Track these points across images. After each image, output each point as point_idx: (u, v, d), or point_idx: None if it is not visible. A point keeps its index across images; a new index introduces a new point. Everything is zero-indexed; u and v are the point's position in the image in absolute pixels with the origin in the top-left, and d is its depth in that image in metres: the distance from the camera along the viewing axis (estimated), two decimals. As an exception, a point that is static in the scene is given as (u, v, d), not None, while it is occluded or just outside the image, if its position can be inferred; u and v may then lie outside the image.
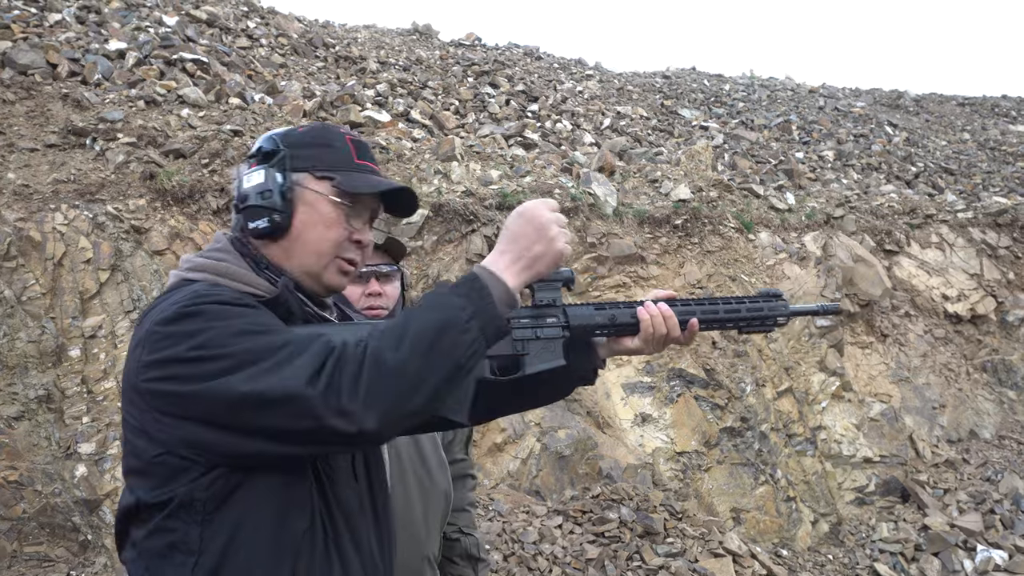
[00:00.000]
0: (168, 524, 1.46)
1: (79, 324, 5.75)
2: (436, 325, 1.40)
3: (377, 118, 9.19)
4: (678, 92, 15.08)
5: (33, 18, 8.41)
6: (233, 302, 1.48)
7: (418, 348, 1.38)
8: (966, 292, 9.73)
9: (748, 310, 1.86)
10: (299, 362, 1.38)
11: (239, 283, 1.58)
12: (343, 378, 1.36)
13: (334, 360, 1.37)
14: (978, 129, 15.92)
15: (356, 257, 1.69)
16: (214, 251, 1.65)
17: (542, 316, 1.68)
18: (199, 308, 1.44)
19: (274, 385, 1.36)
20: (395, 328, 1.41)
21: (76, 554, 5.29)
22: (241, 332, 1.42)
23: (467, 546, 2.73)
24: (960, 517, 7.57)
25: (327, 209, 1.64)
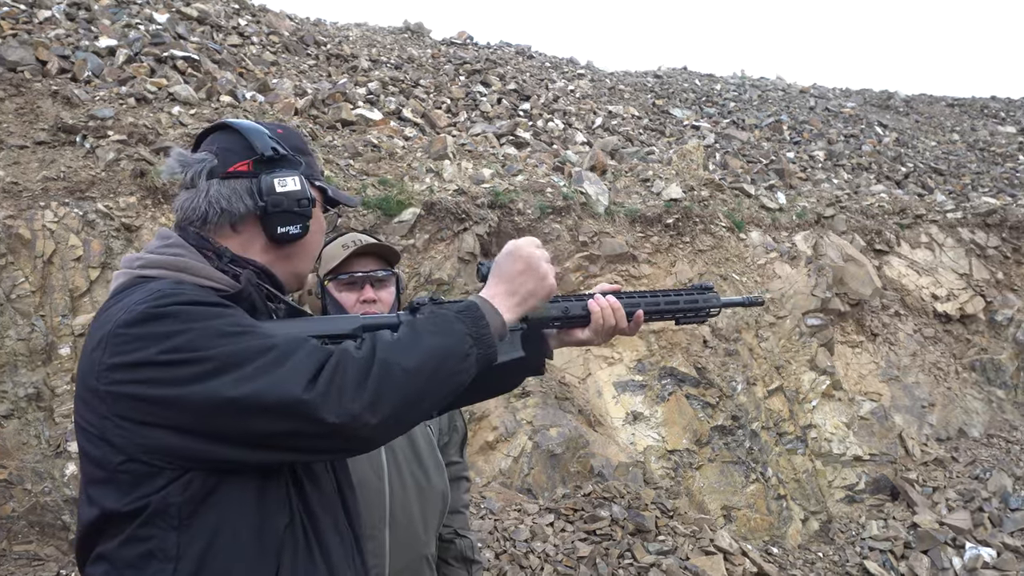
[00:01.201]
0: (142, 532, 1.42)
1: (69, 322, 5.73)
2: (443, 351, 1.46)
3: (369, 116, 9.18)
4: (669, 92, 15.11)
5: (22, 14, 8.36)
6: (203, 301, 1.45)
7: (425, 367, 1.43)
8: (955, 292, 9.78)
9: (685, 302, 1.99)
10: (292, 365, 1.37)
11: (199, 278, 1.55)
12: (346, 380, 1.37)
13: (334, 363, 1.38)
14: (967, 130, 16.00)
15: None
16: (167, 247, 1.61)
17: None
18: (169, 309, 1.41)
19: (266, 389, 1.35)
20: (405, 342, 1.45)
21: (66, 553, 5.27)
22: (221, 334, 1.39)
23: (462, 548, 2.73)
24: (949, 515, 7.61)
25: (320, 217, 1.73)
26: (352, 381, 1.37)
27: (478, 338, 1.51)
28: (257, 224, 1.65)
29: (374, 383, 1.38)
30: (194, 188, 1.65)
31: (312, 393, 1.35)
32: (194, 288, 1.51)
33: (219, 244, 1.63)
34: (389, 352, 1.42)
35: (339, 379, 1.37)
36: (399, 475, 2.41)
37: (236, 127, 1.70)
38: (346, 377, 1.37)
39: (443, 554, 2.73)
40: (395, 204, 7.06)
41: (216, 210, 1.63)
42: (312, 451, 1.44)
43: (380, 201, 7.05)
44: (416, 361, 1.42)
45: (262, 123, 1.75)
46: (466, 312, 1.54)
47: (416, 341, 1.46)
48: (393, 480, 2.39)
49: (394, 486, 2.39)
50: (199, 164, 1.66)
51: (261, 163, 1.66)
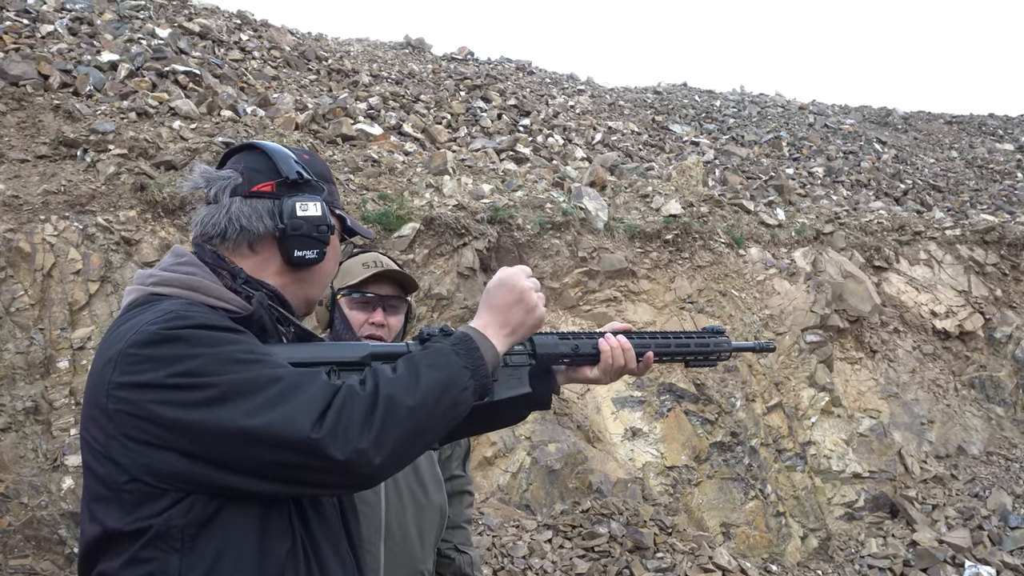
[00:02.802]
0: (144, 554, 1.41)
1: (68, 335, 5.73)
2: (442, 384, 1.48)
3: (369, 131, 9.21)
4: (669, 108, 15.17)
5: (25, 29, 8.40)
6: (216, 325, 1.45)
7: (427, 401, 1.45)
8: (954, 309, 9.78)
9: (696, 345, 2.00)
10: (301, 400, 1.39)
11: (212, 298, 1.55)
12: (353, 417, 1.39)
13: (340, 401, 1.40)
14: (965, 147, 16.05)
15: None
16: (180, 265, 1.61)
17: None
18: (181, 332, 1.41)
19: (276, 422, 1.36)
20: (406, 378, 1.47)
21: (62, 567, 5.24)
22: (232, 360, 1.40)
23: (461, 564, 2.72)
24: (948, 533, 7.58)
25: (336, 245, 1.75)
26: (358, 419, 1.39)
27: (474, 370, 1.53)
28: (274, 246, 1.65)
29: (379, 420, 1.40)
30: (216, 204, 1.66)
31: (321, 431, 1.36)
32: (205, 310, 1.50)
33: (234, 264, 1.63)
34: (392, 388, 1.44)
35: (346, 417, 1.38)
36: (396, 489, 2.40)
37: (263, 148, 1.71)
38: (353, 415, 1.39)
39: (443, 570, 2.72)
40: (395, 219, 7.07)
41: (236, 227, 1.63)
42: (316, 485, 1.46)
43: (380, 216, 7.06)
44: (418, 397, 1.44)
45: (290, 148, 1.76)
46: (461, 344, 1.55)
47: (416, 377, 1.47)
48: (390, 493, 2.39)
49: (391, 499, 2.39)
50: (224, 181, 1.67)
51: (285, 186, 1.67)
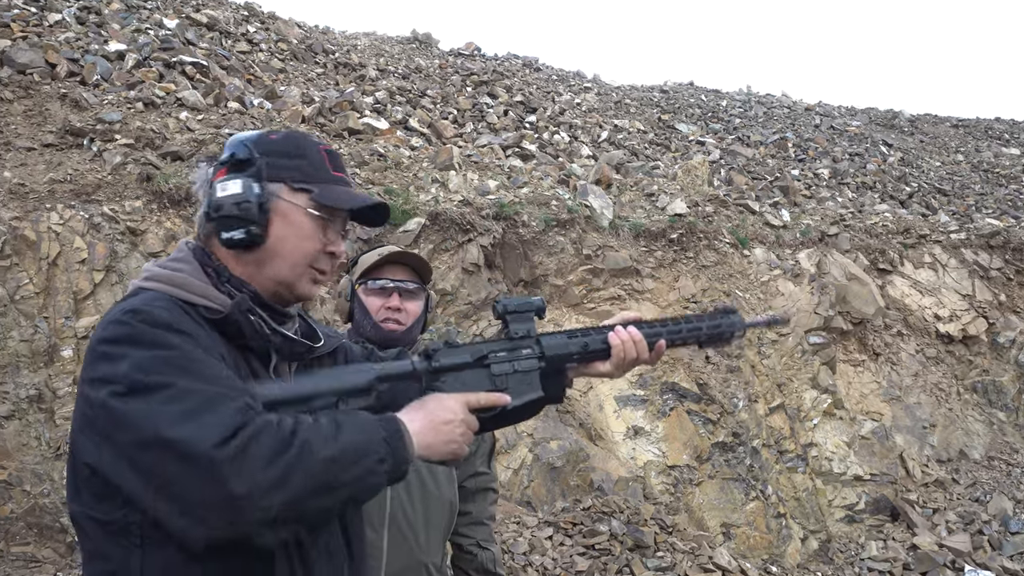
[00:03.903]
0: (106, 549, 1.43)
1: (72, 324, 5.73)
2: (362, 448, 1.40)
3: (375, 125, 9.20)
4: (675, 107, 15.15)
5: (33, 17, 8.40)
6: (164, 323, 1.43)
7: (343, 459, 1.37)
8: (958, 312, 9.77)
9: (708, 327, 1.95)
10: (211, 418, 1.31)
11: (193, 295, 1.55)
12: (261, 451, 1.30)
13: (253, 430, 1.32)
14: (972, 151, 16.02)
15: (327, 267, 1.69)
16: (173, 260, 1.63)
17: (518, 349, 1.72)
18: (126, 330, 1.41)
19: (179, 432, 1.30)
20: (327, 429, 1.39)
21: (63, 555, 5.25)
22: (165, 362, 1.37)
23: (483, 560, 2.73)
24: (949, 537, 7.58)
25: (304, 221, 1.63)
26: (266, 454, 1.30)
27: (393, 450, 1.44)
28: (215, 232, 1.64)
29: (288, 462, 1.31)
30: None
31: (223, 451, 1.28)
32: (171, 306, 1.49)
33: (219, 262, 1.63)
34: (312, 434, 1.36)
35: (254, 447, 1.30)
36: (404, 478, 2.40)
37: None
38: (261, 448, 1.30)
39: (465, 566, 2.72)
40: (400, 214, 7.07)
41: (202, 221, 1.65)
42: (187, 514, 1.31)
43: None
44: (334, 451, 1.36)
45: (266, 131, 1.74)
46: (389, 422, 1.48)
47: (337, 431, 1.39)
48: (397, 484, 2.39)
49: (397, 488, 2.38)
50: (202, 176, 1.70)
51: (231, 170, 1.65)
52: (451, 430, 1.56)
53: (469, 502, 2.75)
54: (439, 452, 1.56)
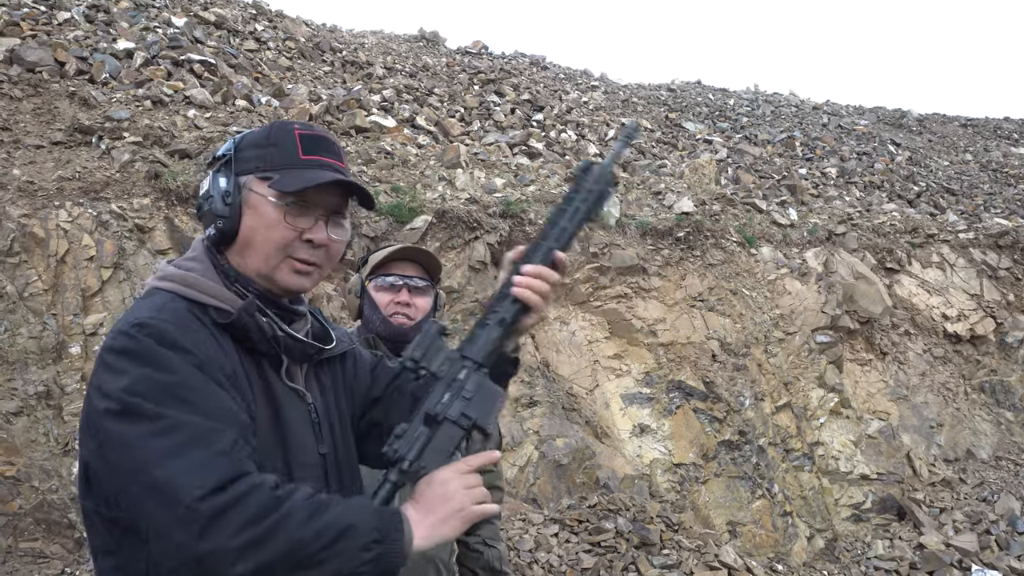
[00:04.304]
0: (114, 545, 1.46)
1: (80, 321, 5.76)
2: (342, 530, 1.36)
3: (383, 123, 9.21)
4: (683, 105, 15.13)
5: (42, 16, 8.43)
6: (171, 342, 1.43)
7: (318, 540, 1.34)
8: (966, 312, 9.74)
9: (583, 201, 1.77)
10: (198, 459, 1.31)
11: (205, 295, 1.56)
12: (239, 514, 1.29)
13: (242, 490, 1.31)
14: (980, 150, 15.96)
15: (310, 256, 1.63)
16: (187, 259, 1.64)
17: (454, 380, 1.63)
18: (132, 344, 1.42)
19: (167, 469, 1.30)
20: (313, 506, 1.37)
21: (71, 551, 5.28)
22: (162, 388, 1.38)
23: (490, 558, 2.74)
24: (956, 537, 7.56)
25: (268, 210, 1.59)
26: (245, 519, 1.29)
27: (386, 538, 1.40)
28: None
29: (260, 533, 1.29)
30: None
31: (205, 504, 1.27)
32: (181, 314, 1.50)
33: (226, 262, 1.63)
34: (294, 508, 1.34)
35: (236, 509, 1.29)
36: None
37: None
38: (242, 510, 1.29)
39: (471, 564, 2.74)
40: (407, 211, 7.08)
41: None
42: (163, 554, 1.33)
43: (392, 208, 7.07)
44: (309, 531, 1.33)
45: (253, 128, 1.75)
46: (390, 512, 1.45)
47: (323, 511, 1.37)
48: None
49: None
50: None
51: (209, 168, 1.68)
52: (451, 502, 1.50)
53: None
54: (451, 526, 1.49)
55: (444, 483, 1.51)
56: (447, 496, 1.49)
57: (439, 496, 1.50)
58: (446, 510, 1.48)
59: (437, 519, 1.48)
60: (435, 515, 1.48)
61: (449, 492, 1.50)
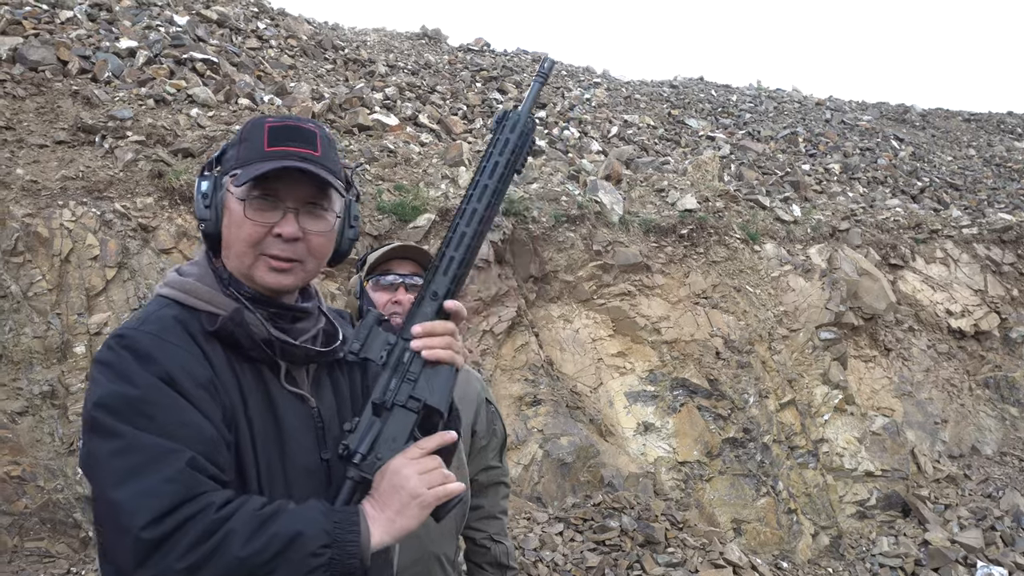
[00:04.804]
0: None
1: (85, 321, 5.76)
2: (289, 539, 1.35)
3: (385, 121, 9.20)
4: (685, 102, 15.10)
5: (44, 15, 8.43)
6: (144, 354, 1.44)
7: (263, 553, 1.33)
8: (970, 308, 9.73)
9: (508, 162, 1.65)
10: (149, 484, 1.33)
11: (200, 301, 1.56)
12: (183, 537, 1.30)
13: (186, 513, 1.32)
14: (984, 145, 15.93)
15: (282, 252, 1.57)
16: (189, 264, 1.65)
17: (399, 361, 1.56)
18: (109, 356, 1.46)
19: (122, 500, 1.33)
20: (259, 518, 1.36)
21: (77, 550, 5.29)
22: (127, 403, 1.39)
23: (497, 554, 2.75)
24: (961, 533, 7.55)
25: (235, 207, 1.57)
26: (189, 542, 1.30)
27: (338, 540, 1.38)
28: None
29: (204, 553, 1.30)
30: None
31: (150, 532, 1.29)
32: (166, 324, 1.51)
33: (219, 264, 1.63)
34: (239, 525, 1.34)
35: (179, 534, 1.30)
36: None
37: None
38: (186, 535, 1.30)
39: (478, 559, 2.74)
40: (410, 210, 7.08)
41: None
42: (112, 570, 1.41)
43: (395, 206, 7.06)
44: (253, 547, 1.32)
45: None
46: (345, 513, 1.43)
47: (269, 523, 1.36)
48: None
49: None
50: None
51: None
52: (404, 490, 1.46)
53: (481, 496, 2.76)
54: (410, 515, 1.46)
55: (396, 472, 1.47)
56: (400, 485, 1.45)
57: (392, 487, 1.46)
58: (401, 500, 1.45)
59: (393, 511, 1.45)
60: (391, 508, 1.45)
61: (401, 480, 1.46)
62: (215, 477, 1.40)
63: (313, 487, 1.55)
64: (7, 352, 5.50)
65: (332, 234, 1.65)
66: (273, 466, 1.53)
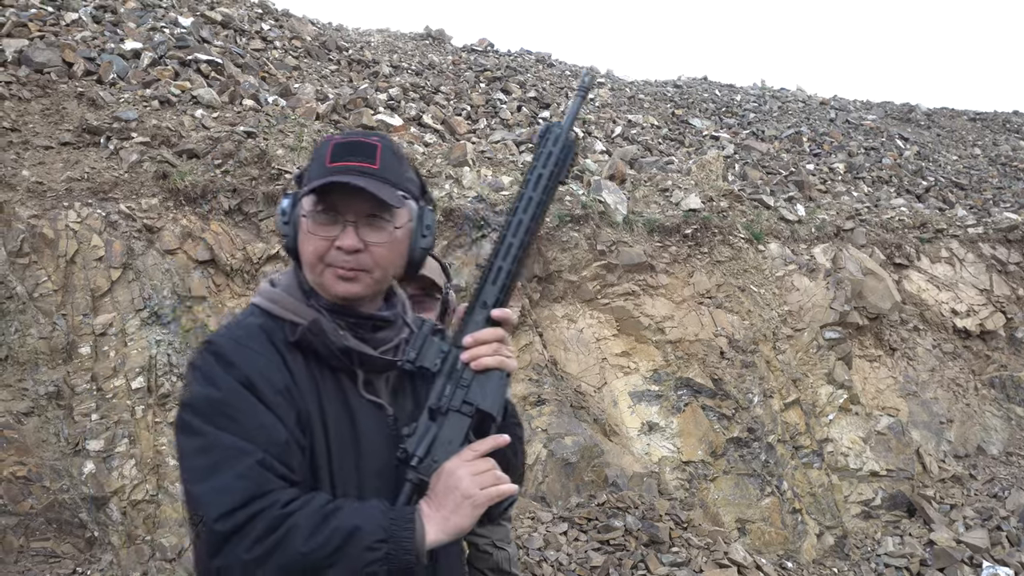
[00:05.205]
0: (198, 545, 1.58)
1: (90, 321, 5.78)
2: (348, 534, 1.45)
3: (389, 122, 9.22)
4: (689, 102, 15.09)
5: (50, 17, 8.46)
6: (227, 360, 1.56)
7: (324, 548, 1.43)
8: (975, 307, 9.70)
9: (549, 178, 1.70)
10: (223, 481, 1.46)
11: (285, 311, 1.67)
12: (251, 531, 1.42)
13: (256, 508, 1.44)
14: (989, 144, 15.89)
15: (344, 264, 1.65)
16: (281, 275, 1.77)
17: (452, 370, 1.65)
18: (199, 360, 1.60)
19: (202, 493, 1.47)
20: (320, 514, 1.46)
21: (83, 550, 5.30)
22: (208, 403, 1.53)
23: (499, 560, 2.76)
24: (966, 533, 7.53)
25: (303, 222, 1.67)
26: (256, 535, 1.42)
27: (394, 535, 1.47)
28: None
29: (268, 547, 1.42)
30: None
31: (222, 525, 1.43)
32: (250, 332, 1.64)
33: (303, 276, 1.72)
34: (302, 520, 1.44)
35: (249, 527, 1.42)
36: None
37: None
38: (255, 528, 1.42)
39: (481, 565, 2.75)
40: (414, 210, 7.07)
41: None
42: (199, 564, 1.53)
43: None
44: (313, 543, 1.43)
45: None
46: (403, 511, 1.52)
47: (329, 519, 1.46)
48: None
49: None
50: None
51: None
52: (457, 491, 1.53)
53: None
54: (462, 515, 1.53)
55: (450, 473, 1.54)
56: (454, 486, 1.53)
57: (446, 488, 1.54)
58: (454, 500, 1.52)
59: (448, 511, 1.52)
60: (445, 507, 1.52)
61: (455, 481, 1.53)
62: (285, 477, 1.50)
63: (384, 490, 1.62)
64: (13, 353, 5.52)
65: (396, 244, 1.70)
66: (347, 469, 1.62)
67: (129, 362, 5.74)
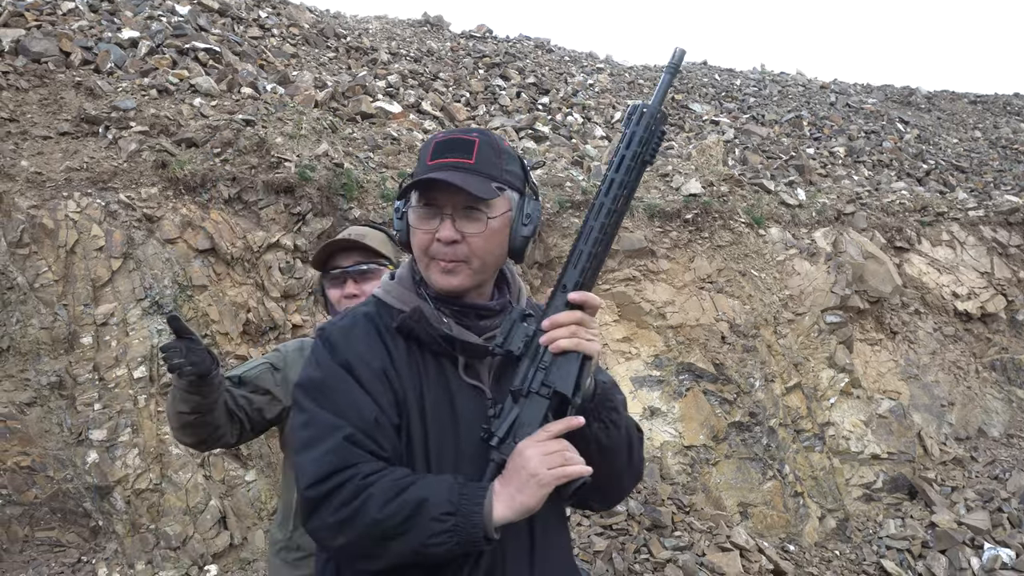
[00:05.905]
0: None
1: (91, 311, 5.78)
2: (417, 504, 1.55)
3: (388, 109, 9.19)
4: (689, 87, 15.04)
5: (46, 6, 8.42)
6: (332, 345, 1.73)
7: (394, 517, 1.55)
8: (976, 290, 9.70)
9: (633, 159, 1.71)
10: (316, 454, 1.63)
11: (396, 300, 1.80)
12: (335, 498, 1.58)
13: (341, 479, 1.59)
14: (990, 127, 15.85)
15: (444, 255, 1.73)
16: (400, 267, 1.91)
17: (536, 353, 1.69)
18: (314, 343, 1.79)
19: (301, 462, 1.65)
20: (397, 486, 1.58)
21: (87, 539, 5.33)
22: (313, 383, 1.71)
23: None
24: (967, 515, 7.56)
25: (411, 217, 1.79)
26: (338, 502, 1.57)
27: (461, 508, 1.55)
28: None
29: (346, 514, 1.57)
30: None
31: (312, 492, 1.60)
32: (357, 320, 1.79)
33: (415, 266, 1.84)
34: (377, 491, 1.57)
35: (335, 494, 1.58)
36: None
37: None
38: (339, 495, 1.58)
39: None
40: (414, 197, 7.06)
41: None
42: None
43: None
44: (386, 511, 1.55)
45: None
46: (472, 487, 1.60)
47: (403, 491, 1.57)
48: None
49: None
50: None
51: None
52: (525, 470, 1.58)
53: None
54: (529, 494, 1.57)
55: (520, 453, 1.61)
56: (522, 465, 1.59)
57: (516, 467, 1.60)
58: (521, 479, 1.58)
59: (515, 488, 1.58)
60: (513, 485, 1.58)
61: (524, 461, 1.59)
62: (373, 452, 1.63)
63: (481, 470, 1.68)
64: (14, 343, 5.52)
65: (494, 234, 1.75)
66: (445, 449, 1.71)
67: (131, 352, 5.74)
